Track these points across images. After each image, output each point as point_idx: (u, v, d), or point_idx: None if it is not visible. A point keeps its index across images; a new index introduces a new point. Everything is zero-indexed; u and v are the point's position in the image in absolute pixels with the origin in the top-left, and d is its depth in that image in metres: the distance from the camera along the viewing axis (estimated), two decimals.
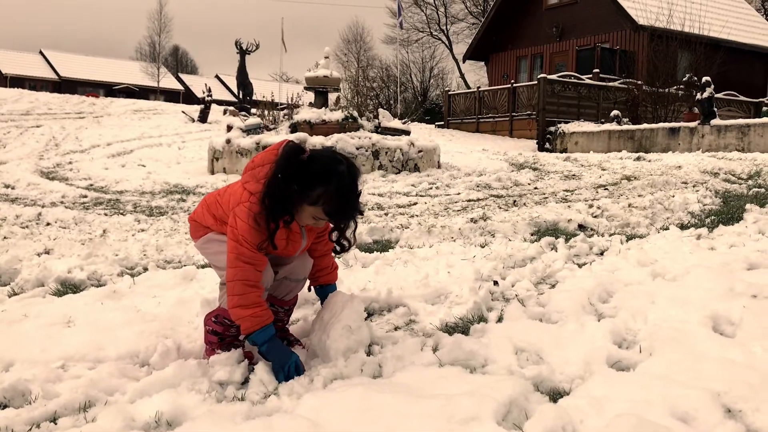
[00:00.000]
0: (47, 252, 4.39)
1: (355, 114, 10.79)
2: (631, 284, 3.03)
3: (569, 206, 5.92)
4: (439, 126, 22.60)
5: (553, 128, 16.96)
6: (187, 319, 2.76)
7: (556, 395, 1.93)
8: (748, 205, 5.21)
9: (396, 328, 2.67)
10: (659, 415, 1.71)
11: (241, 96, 22.51)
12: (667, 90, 17.28)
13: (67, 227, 5.71)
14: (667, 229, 4.51)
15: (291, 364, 2.16)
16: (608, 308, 2.71)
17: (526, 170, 10.17)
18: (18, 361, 2.29)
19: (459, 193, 7.75)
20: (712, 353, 2.12)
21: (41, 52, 55.71)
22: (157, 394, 1.99)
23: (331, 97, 11.72)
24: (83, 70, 54.21)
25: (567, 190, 7.57)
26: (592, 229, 4.76)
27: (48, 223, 5.89)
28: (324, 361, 2.24)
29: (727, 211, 5.24)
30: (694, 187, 7.02)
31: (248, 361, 2.24)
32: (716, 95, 14.06)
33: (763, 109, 18.86)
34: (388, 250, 4.20)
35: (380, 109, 11.89)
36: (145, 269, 3.81)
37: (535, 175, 9.47)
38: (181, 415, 1.89)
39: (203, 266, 3.72)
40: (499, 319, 2.67)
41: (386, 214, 6.10)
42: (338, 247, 2.42)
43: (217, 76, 62.08)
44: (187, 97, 53.50)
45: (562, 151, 15.66)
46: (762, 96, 21.77)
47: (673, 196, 6.06)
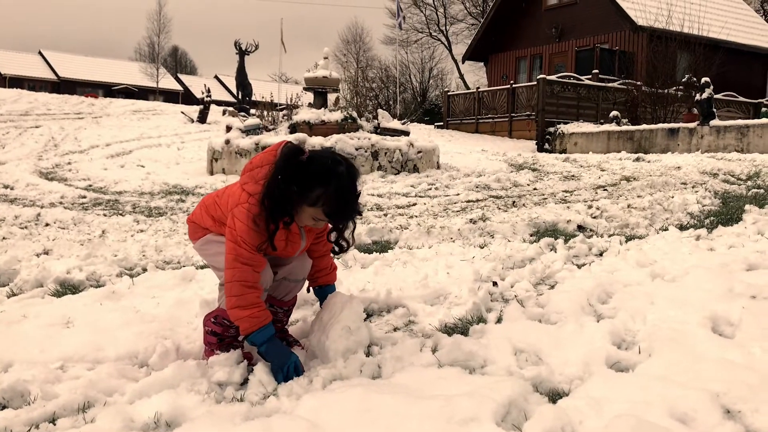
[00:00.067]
0: (46, 252, 4.39)
1: (355, 115, 10.80)
2: (631, 285, 3.04)
3: (568, 207, 5.92)
4: (439, 126, 22.62)
5: (552, 129, 16.97)
6: (186, 320, 2.76)
7: (555, 396, 1.93)
8: (747, 206, 5.22)
9: (395, 329, 2.67)
10: (658, 416, 1.71)
11: (241, 96, 22.51)
12: (666, 91, 17.30)
13: (66, 228, 5.71)
14: (667, 229, 4.51)
15: (290, 365, 2.16)
16: (607, 309, 2.72)
17: (526, 171, 10.17)
18: (17, 362, 2.29)
19: (458, 194, 7.75)
20: (711, 354, 2.12)
21: (40, 53, 55.71)
22: (156, 394, 1.99)
23: (331, 97, 11.73)
24: (82, 71, 54.19)
25: (566, 191, 7.57)
26: (591, 230, 4.77)
27: (47, 224, 5.88)
28: (323, 362, 2.24)
29: (727, 212, 5.24)
30: (693, 187, 7.02)
31: (247, 362, 2.24)
32: (715, 96, 14.06)
33: (762, 109, 18.88)
34: (387, 251, 4.20)
35: (379, 110, 11.90)
36: (144, 270, 3.81)
37: (535, 176, 9.47)
38: (180, 415, 1.89)
39: (202, 267, 3.72)
40: (499, 320, 2.67)
41: (385, 215, 6.10)
42: (337, 248, 2.43)
43: (217, 77, 62.09)
44: (186, 97, 53.51)
45: (561, 152, 15.67)
46: (761, 97, 21.79)
47: (673, 197, 6.06)
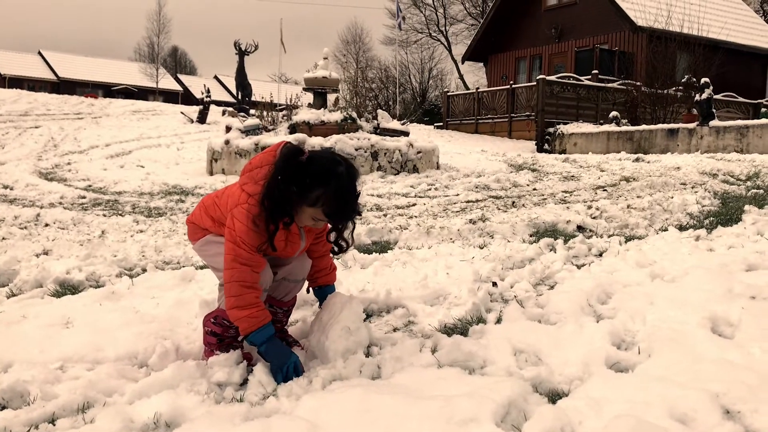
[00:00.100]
0: (46, 253, 4.39)
1: (354, 115, 10.80)
2: (630, 285, 3.04)
3: (568, 207, 5.92)
4: (438, 127, 22.62)
5: (551, 129, 16.98)
6: (186, 320, 2.76)
7: (554, 396, 1.93)
8: (746, 206, 5.21)
9: (395, 330, 2.67)
10: (658, 417, 1.71)
11: (240, 97, 22.51)
12: (665, 91, 17.30)
13: (66, 228, 5.70)
14: (666, 230, 4.51)
15: (290, 365, 2.15)
16: (607, 309, 2.72)
17: (525, 171, 10.17)
18: (16, 362, 2.29)
19: (458, 194, 7.75)
20: (710, 354, 2.12)
21: (40, 53, 55.69)
22: (156, 395, 1.99)
23: (330, 98, 11.73)
24: (82, 71, 54.17)
25: (566, 191, 7.57)
26: (590, 231, 4.77)
27: (46, 224, 5.88)
28: (323, 363, 2.24)
29: (726, 213, 5.24)
30: (692, 188, 7.02)
31: (247, 363, 2.24)
32: (715, 96, 14.06)
33: (762, 110, 18.90)
34: (386, 251, 4.20)
35: (379, 110, 11.90)
36: (144, 270, 3.81)
37: (534, 176, 9.47)
38: (179, 416, 1.89)
39: (202, 267, 3.72)
40: (498, 320, 2.67)
41: (385, 215, 6.10)
42: (336, 248, 2.43)
43: (216, 77, 62.09)
44: (185, 97, 53.50)
45: (560, 152, 15.67)
46: (761, 97, 21.80)
47: (672, 198, 6.07)
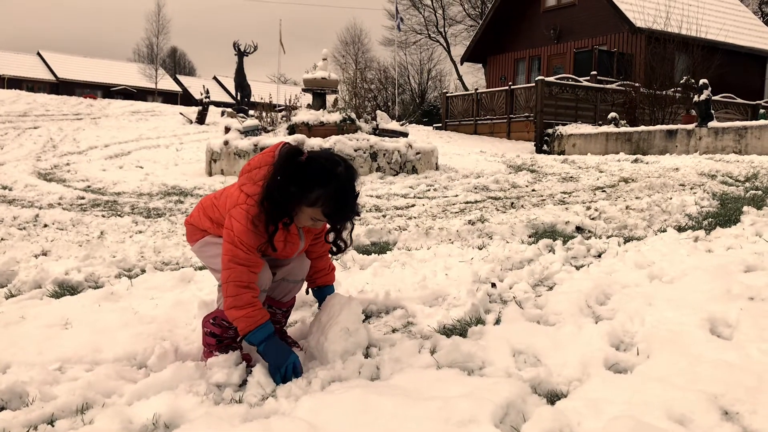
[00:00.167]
0: (44, 254, 4.39)
1: (353, 116, 10.81)
2: (629, 286, 3.04)
3: (567, 208, 5.93)
4: (437, 128, 22.63)
5: (550, 130, 16.99)
6: (185, 321, 2.76)
7: (553, 397, 1.93)
8: (745, 208, 5.22)
9: (394, 330, 2.67)
10: (656, 418, 1.71)
11: (239, 97, 22.52)
12: (664, 92, 17.32)
13: (65, 229, 5.70)
14: (665, 231, 4.52)
15: (288, 365, 2.14)
16: (606, 310, 2.72)
17: (524, 172, 10.18)
18: (15, 363, 2.29)
19: (457, 195, 7.75)
20: (709, 355, 2.12)
21: (39, 54, 55.65)
22: (155, 396, 1.99)
23: (329, 98, 11.74)
24: (81, 72, 54.15)
25: (565, 192, 7.58)
26: (589, 231, 4.77)
27: (45, 225, 5.88)
28: (322, 364, 2.24)
29: (725, 214, 5.24)
30: (691, 189, 7.03)
31: (246, 364, 2.24)
32: (713, 97, 14.08)
33: (760, 111, 18.93)
34: (385, 252, 4.20)
35: (378, 111, 11.91)
36: (143, 271, 3.81)
37: (533, 177, 9.48)
38: (178, 417, 1.89)
39: (201, 268, 3.72)
40: (497, 321, 2.67)
41: (384, 216, 6.10)
42: (335, 248, 2.43)
43: (215, 78, 62.09)
44: (185, 98, 53.51)
45: (559, 153, 15.69)
46: (759, 98, 21.83)
47: (671, 199, 6.07)
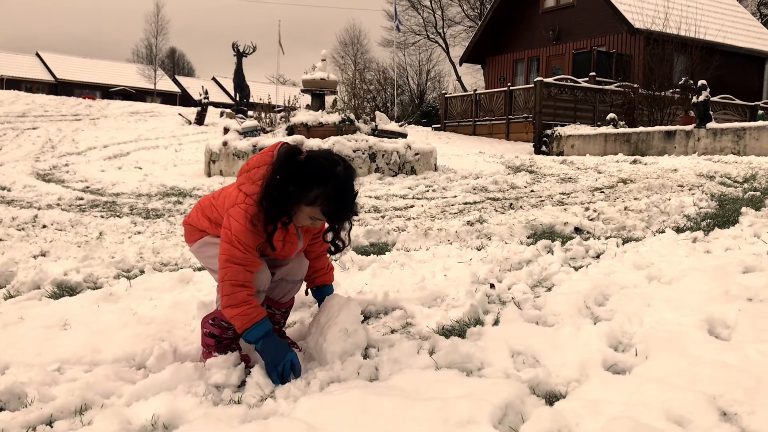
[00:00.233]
0: (43, 254, 4.39)
1: (352, 116, 10.81)
2: (627, 287, 3.04)
3: (565, 209, 5.93)
4: (436, 129, 22.64)
5: (549, 131, 17.00)
6: (184, 322, 2.75)
7: (552, 398, 1.94)
8: (743, 209, 5.23)
9: (392, 331, 2.67)
10: (655, 419, 1.71)
11: (238, 98, 22.49)
12: (663, 93, 17.33)
13: (64, 229, 5.70)
14: (663, 232, 4.52)
15: (286, 363, 2.13)
16: (604, 311, 2.72)
17: (523, 173, 10.19)
18: (14, 364, 2.29)
19: (455, 196, 7.76)
20: (707, 356, 2.12)
21: (37, 54, 55.62)
22: (154, 397, 1.99)
23: (328, 99, 11.74)
24: (80, 72, 54.13)
25: (563, 193, 7.58)
26: (588, 232, 4.77)
27: (44, 226, 5.88)
28: (321, 364, 2.24)
29: (723, 215, 5.25)
30: (690, 190, 7.04)
31: (245, 364, 2.24)
32: (712, 98, 14.09)
33: (759, 112, 18.94)
34: (384, 253, 4.20)
35: (377, 112, 11.93)
36: (142, 272, 3.81)
37: (532, 178, 9.48)
38: (177, 418, 1.89)
39: (200, 269, 3.72)
40: (496, 322, 2.68)
41: (383, 217, 6.10)
42: (333, 248, 2.43)
43: (214, 79, 62.07)
44: (184, 99, 53.50)
45: (558, 154, 15.70)
46: (757, 99, 21.86)
47: (669, 199, 6.08)
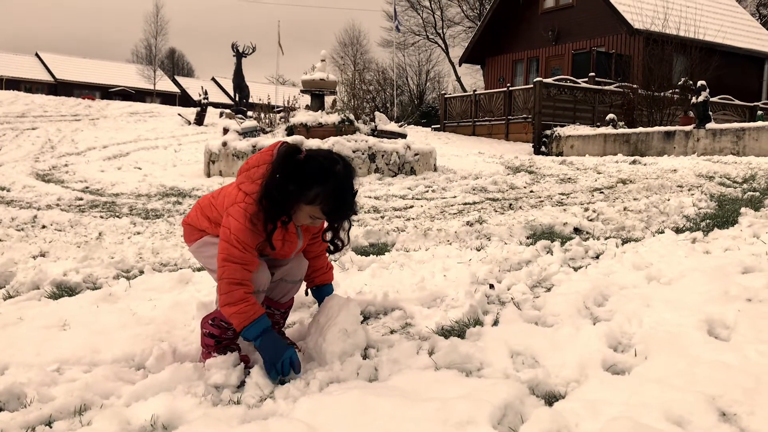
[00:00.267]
0: (43, 255, 4.39)
1: (352, 117, 10.81)
2: (627, 288, 3.04)
3: (565, 210, 5.93)
4: (436, 129, 22.64)
5: (548, 131, 17.01)
6: (183, 322, 2.75)
7: (551, 399, 1.94)
8: (743, 209, 5.23)
9: (392, 332, 2.67)
10: (654, 419, 1.72)
11: (238, 99, 22.50)
12: (662, 94, 17.34)
13: (63, 230, 5.70)
14: (663, 232, 4.52)
15: (284, 360, 2.12)
16: (604, 312, 2.72)
17: (522, 173, 10.19)
18: (13, 365, 2.29)
19: (455, 197, 7.76)
20: (707, 357, 2.12)
21: (37, 54, 55.61)
22: (153, 397, 1.99)
23: (328, 100, 11.74)
24: (79, 73, 54.12)
25: (563, 194, 7.58)
26: (587, 233, 4.77)
27: (43, 226, 5.88)
28: (320, 365, 2.24)
29: (722, 215, 5.25)
30: (689, 190, 7.04)
31: (244, 365, 2.24)
32: (711, 99, 14.10)
33: (758, 113, 18.96)
34: (384, 254, 4.20)
35: (376, 113, 11.92)
36: (141, 272, 3.81)
37: (531, 179, 9.48)
38: (176, 418, 1.89)
39: (199, 269, 3.72)
40: (495, 323, 2.68)
41: (382, 217, 6.10)
42: (332, 247, 2.43)
43: (214, 79, 62.08)
44: (183, 99, 53.50)
45: (557, 155, 15.70)
46: (757, 100, 21.87)
47: (669, 200, 6.08)
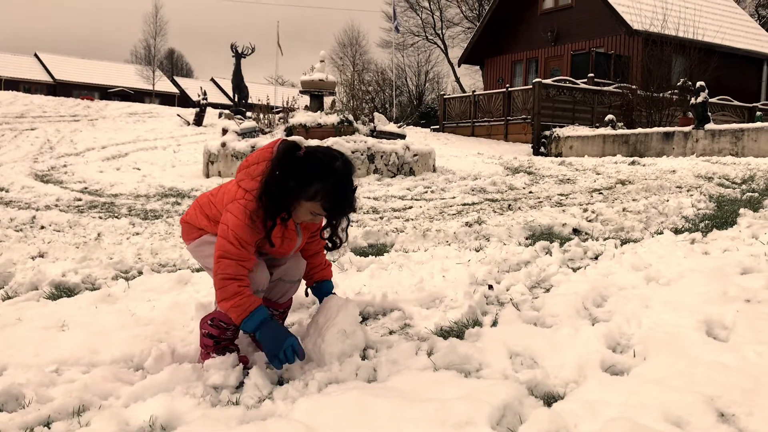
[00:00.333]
0: (41, 255, 4.38)
1: (351, 118, 10.82)
2: (626, 288, 3.04)
3: (564, 210, 5.93)
4: (435, 130, 22.64)
5: (548, 132, 17.02)
6: (182, 323, 2.75)
7: (550, 399, 1.94)
8: (741, 210, 5.23)
9: (391, 332, 2.67)
10: (653, 420, 1.72)
11: (237, 99, 22.49)
12: (661, 94, 17.37)
13: (62, 230, 5.69)
14: (662, 233, 4.52)
15: (286, 350, 2.13)
16: (602, 312, 2.72)
17: (521, 174, 10.19)
18: (11, 365, 2.28)
19: (454, 197, 7.76)
20: (705, 357, 2.12)
21: (36, 55, 55.58)
22: (152, 398, 1.99)
23: (327, 100, 11.74)
24: (78, 73, 54.10)
25: (562, 195, 7.58)
26: (586, 234, 4.77)
27: (42, 227, 5.87)
28: (319, 365, 2.24)
29: (721, 216, 5.25)
30: (688, 191, 7.04)
31: (243, 365, 2.24)
32: (710, 100, 14.12)
33: (757, 113, 18.97)
34: (383, 254, 4.20)
35: (376, 113, 11.92)
36: (140, 273, 3.81)
37: (530, 179, 9.48)
38: (175, 419, 1.88)
39: (198, 270, 3.72)
40: (494, 323, 2.68)
41: (381, 218, 6.10)
42: (330, 244, 2.43)
43: (213, 80, 62.06)
44: (182, 100, 53.49)
45: (557, 155, 15.71)
46: (755, 101, 21.90)
47: (668, 201, 6.08)
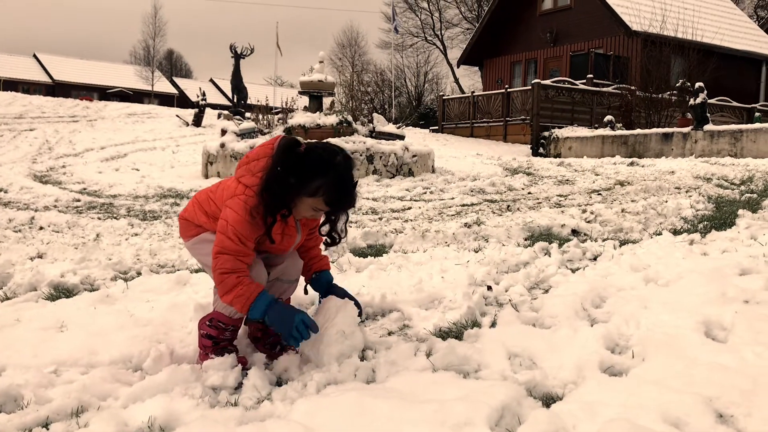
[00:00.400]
0: (40, 256, 4.38)
1: (350, 118, 10.82)
2: (624, 289, 3.04)
3: (563, 211, 5.94)
4: (434, 130, 22.65)
5: (547, 133, 17.03)
6: (181, 324, 2.75)
7: (549, 400, 1.94)
8: (740, 211, 5.24)
9: (390, 333, 2.67)
10: (651, 420, 1.72)
11: (236, 100, 22.46)
12: (660, 95, 17.39)
13: (60, 231, 5.69)
14: (660, 234, 4.53)
15: (298, 326, 2.14)
16: (601, 313, 2.72)
17: (520, 175, 10.20)
18: (10, 366, 2.28)
19: (453, 198, 7.76)
20: (704, 358, 2.13)
21: (35, 55, 55.54)
22: (150, 399, 1.99)
23: (326, 101, 11.74)
24: (77, 74, 54.07)
25: (560, 195, 7.59)
26: (585, 234, 4.78)
27: (41, 227, 5.87)
28: (317, 366, 2.24)
29: (720, 217, 5.26)
30: (687, 192, 7.05)
31: (242, 366, 2.24)
32: (709, 101, 14.14)
33: (756, 114, 19.00)
34: (382, 255, 4.20)
35: (375, 114, 11.92)
36: (139, 274, 3.80)
37: (529, 180, 9.49)
38: (174, 420, 1.88)
39: (197, 271, 3.72)
40: (493, 324, 2.68)
41: (380, 219, 6.10)
42: (329, 240, 2.42)
43: (212, 80, 62.05)
44: (181, 100, 53.47)
45: (555, 156, 15.72)
46: (754, 101, 21.92)
47: (666, 202, 6.09)
